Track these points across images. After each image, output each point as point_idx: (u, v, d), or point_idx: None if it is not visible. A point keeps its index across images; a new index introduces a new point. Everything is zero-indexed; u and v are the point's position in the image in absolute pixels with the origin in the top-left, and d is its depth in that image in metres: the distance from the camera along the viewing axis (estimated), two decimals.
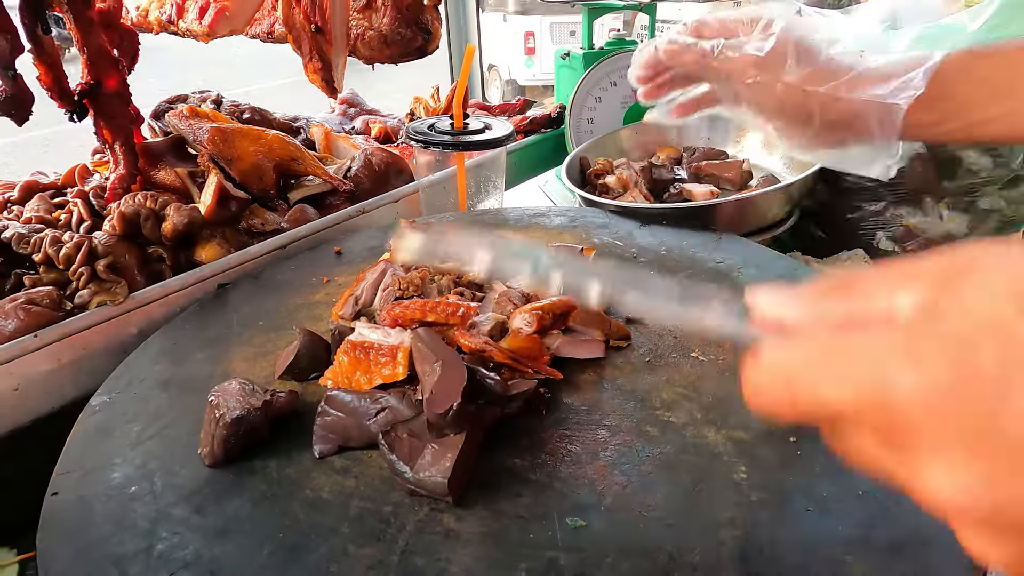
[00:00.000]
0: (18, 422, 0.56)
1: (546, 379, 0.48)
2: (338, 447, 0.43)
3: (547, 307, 0.50)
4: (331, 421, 0.44)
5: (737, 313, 0.26)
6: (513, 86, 7.76)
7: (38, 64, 0.70)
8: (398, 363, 0.45)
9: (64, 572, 0.36)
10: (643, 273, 0.29)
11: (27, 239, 0.65)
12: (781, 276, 0.63)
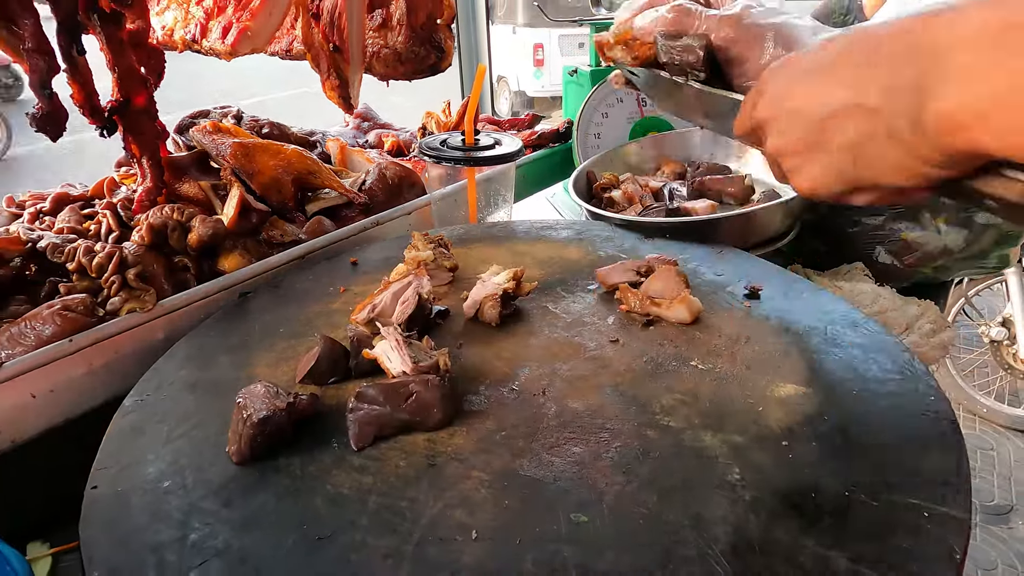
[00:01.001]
0: (52, 422, 0.60)
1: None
2: (373, 438, 0.47)
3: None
4: (363, 415, 0.47)
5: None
6: (522, 97, 7.83)
7: (72, 83, 0.74)
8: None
9: (106, 559, 0.39)
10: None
11: (61, 249, 0.68)
12: (777, 288, 0.66)
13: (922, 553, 0.36)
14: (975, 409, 2.95)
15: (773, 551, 0.37)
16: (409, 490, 0.43)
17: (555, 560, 0.38)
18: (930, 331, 0.82)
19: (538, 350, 0.58)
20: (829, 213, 1.00)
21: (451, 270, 0.72)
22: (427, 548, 0.39)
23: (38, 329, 0.59)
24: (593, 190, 1.03)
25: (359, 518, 0.41)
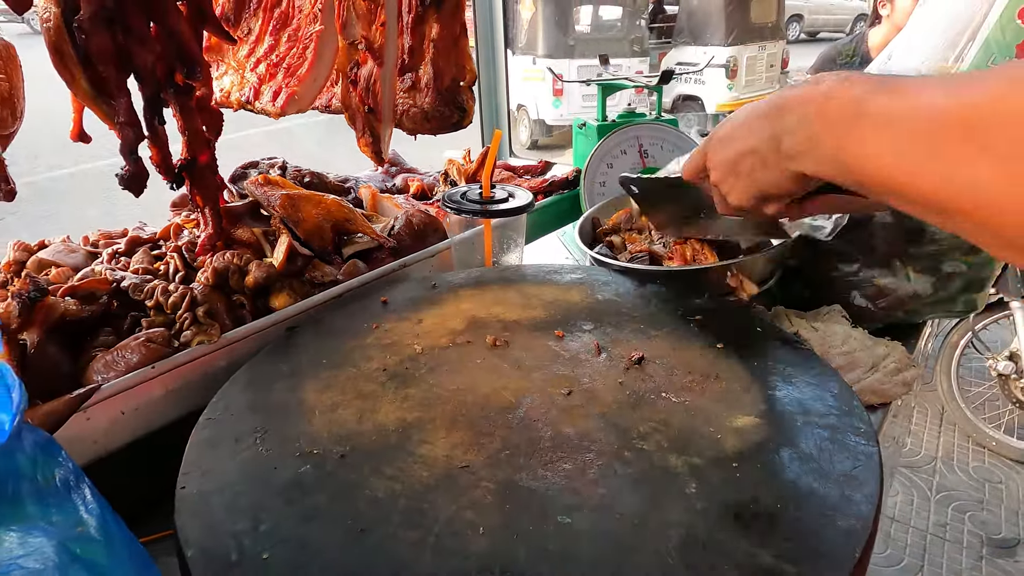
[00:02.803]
0: (136, 435, 0.72)
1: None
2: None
3: None
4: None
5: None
6: (541, 126, 8.02)
7: (152, 147, 0.88)
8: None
9: (198, 541, 0.50)
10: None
11: (141, 288, 0.81)
12: (747, 331, 0.76)
13: (829, 551, 0.47)
14: (984, 442, 2.98)
15: (715, 548, 0.48)
16: (430, 495, 0.54)
17: (544, 551, 0.48)
18: (894, 369, 0.91)
19: (540, 382, 0.69)
20: (811, 260, 1.10)
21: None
22: (444, 540, 0.50)
23: (127, 357, 0.72)
24: (597, 234, 1.14)
25: (392, 516, 0.52)
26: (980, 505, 2.70)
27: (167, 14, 0.81)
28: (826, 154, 0.52)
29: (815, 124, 0.53)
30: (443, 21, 1.10)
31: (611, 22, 8.03)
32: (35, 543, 0.33)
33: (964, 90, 0.42)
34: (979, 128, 0.40)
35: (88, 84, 0.81)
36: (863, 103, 0.48)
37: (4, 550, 0.32)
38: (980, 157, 0.40)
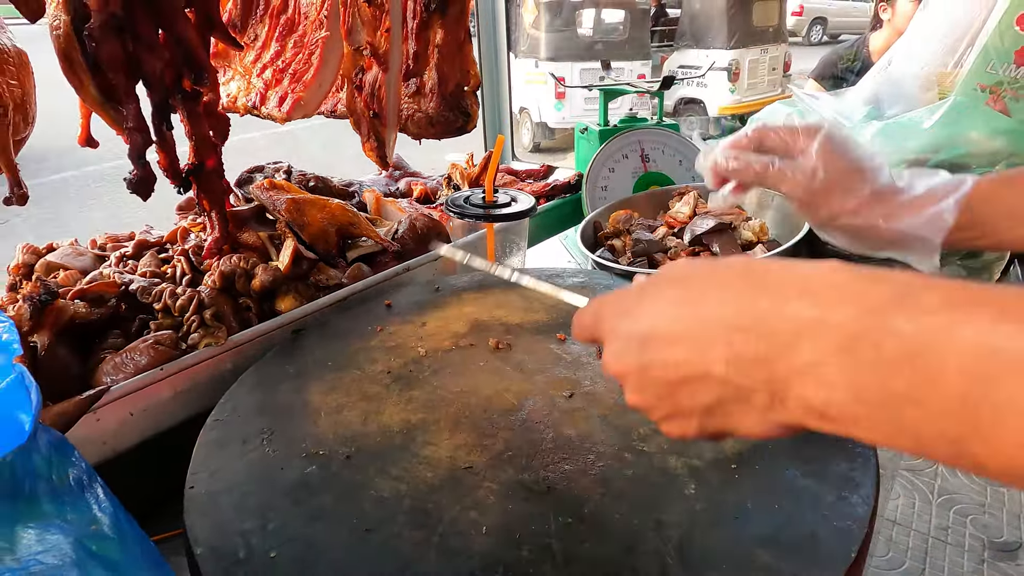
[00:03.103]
0: (144, 436, 0.73)
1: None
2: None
3: None
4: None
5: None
6: (543, 128, 8.03)
7: (160, 152, 0.89)
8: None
9: (207, 540, 0.51)
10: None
11: (149, 291, 0.83)
12: None
13: (826, 551, 0.47)
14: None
15: (713, 548, 0.49)
16: (435, 495, 0.55)
17: (545, 551, 0.49)
18: None
19: (542, 385, 0.70)
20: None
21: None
22: (449, 539, 0.51)
23: (136, 359, 0.73)
24: (598, 238, 1.15)
25: (397, 516, 0.53)
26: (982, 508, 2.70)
27: (176, 21, 0.82)
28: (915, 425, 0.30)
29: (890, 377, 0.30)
30: (447, 27, 1.11)
31: (613, 25, 8.04)
32: (53, 540, 0.34)
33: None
34: None
35: (97, 90, 0.82)
36: (995, 349, 0.28)
37: (23, 546, 0.33)
38: None
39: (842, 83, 2.62)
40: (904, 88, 1.25)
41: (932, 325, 0.29)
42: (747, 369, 0.35)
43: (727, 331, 0.36)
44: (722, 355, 0.36)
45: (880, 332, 0.30)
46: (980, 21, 1.14)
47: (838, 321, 0.32)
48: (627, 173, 1.27)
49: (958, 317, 0.29)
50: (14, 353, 0.40)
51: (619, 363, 0.43)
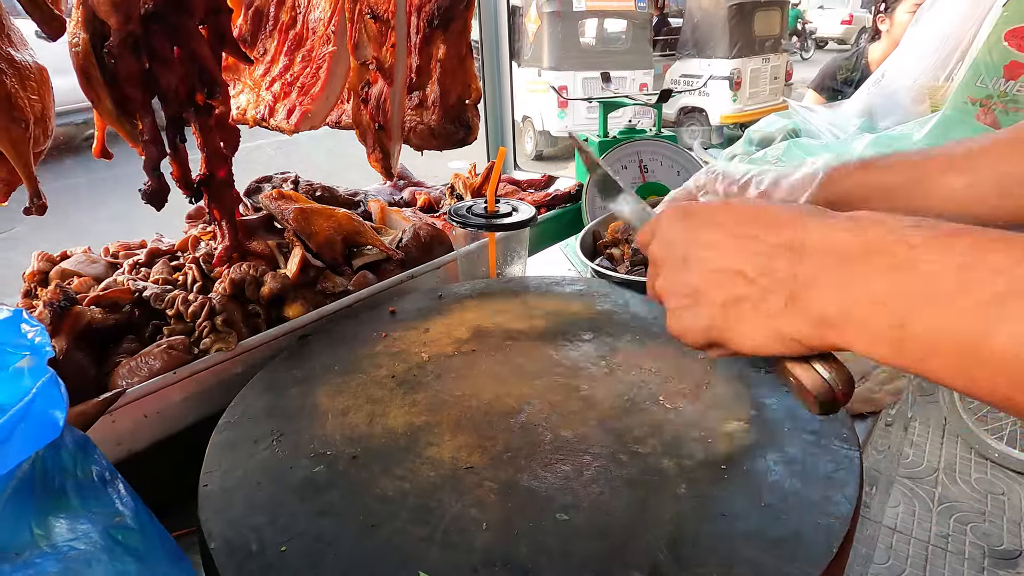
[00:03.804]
0: (156, 437, 0.76)
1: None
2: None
3: None
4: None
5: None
6: (545, 136, 8.09)
7: (173, 164, 0.92)
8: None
9: (221, 534, 0.54)
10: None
11: (161, 297, 0.85)
12: None
13: (809, 546, 0.50)
14: (987, 454, 2.98)
15: (702, 544, 0.51)
16: (437, 493, 0.58)
17: (543, 547, 0.52)
18: (885, 379, 0.95)
19: (541, 389, 0.73)
20: None
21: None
22: (450, 535, 0.53)
23: (150, 363, 0.76)
24: (597, 247, 1.18)
25: (401, 512, 0.56)
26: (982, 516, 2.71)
27: (191, 38, 0.86)
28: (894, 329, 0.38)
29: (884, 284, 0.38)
30: (450, 42, 1.14)
31: (616, 35, 8.11)
32: (82, 529, 0.37)
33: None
34: None
35: (113, 105, 0.85)
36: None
37: (57, 534, 0.36)
38: None
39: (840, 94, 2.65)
40: (897, 101, 1.29)
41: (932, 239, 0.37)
42: (776, 273, 0.43)
43: (768, 246, 0.44)
44: (758, 260, 0.44)
45: (894, 243, 0.38)
46: (970, 36, 1.17)
47: (861, 239, 0.40)
48: (626, 183, 1.29)
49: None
50: (47, 355, 0.43)
51: (664, 248, 0.52)
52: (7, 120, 0.77)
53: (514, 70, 1.76)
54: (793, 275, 0.42)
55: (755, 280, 0.44)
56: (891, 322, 0.37)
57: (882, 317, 0.38)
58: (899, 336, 0.37)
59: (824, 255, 0.41)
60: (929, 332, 0.36)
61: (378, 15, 1.07)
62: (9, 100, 0.76)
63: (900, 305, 0.37)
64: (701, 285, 0.47)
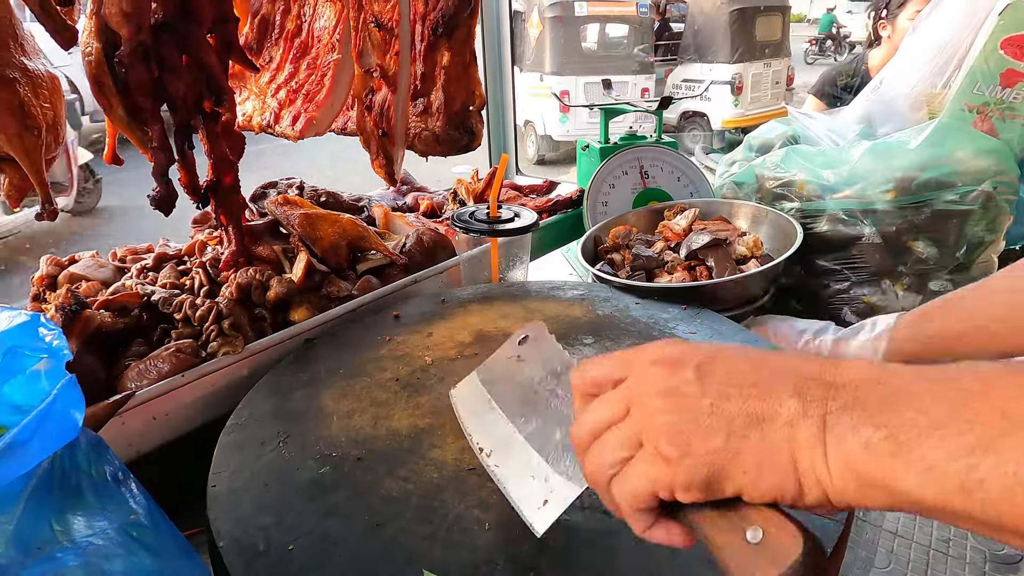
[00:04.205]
0: (165, 439, 0.77)
1: None
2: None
3: None
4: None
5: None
6: (547, 141, 8.11)
7: (181, 171, 0.94)
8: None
9: (229, 533, 0.55)
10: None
11: (170, 302, 0.87)
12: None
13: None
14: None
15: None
16: (440, 494, 0.59)
17: (544, 546, 0.53)
18: None
19: None
20: (804, 278, 1.15)
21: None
22: (453, 534, 0.55)
23: (159, 366, 0.77)
24: (598, 252, 1.20)
25: (405, 512, 0.57)
26: None
27: (199, 48, 0.88)
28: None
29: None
30: (454, 49, 1.16)
31: (617, 39, 8.14)
32: (99, 526, 0.38)
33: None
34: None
35: (124, 112, 0.87)
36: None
37: (75, 530, 0.37)
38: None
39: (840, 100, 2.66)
40: (895, 108, 1.30)
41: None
42: (813, 395, 0.35)
43: (797, 377, 0.37)
44: (794, 377, 0.36)
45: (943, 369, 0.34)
46: (966, 45, 1.18)
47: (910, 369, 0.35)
48: (627, 189, 1.31)
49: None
50: (64, 358, 0.44)
51: (676, 348, 0.41)
52: (20, 127, 0.79)
53: (516, 75, 1.78)
54: (827, 397, 0.35)
55: (783, 404, 0.36)
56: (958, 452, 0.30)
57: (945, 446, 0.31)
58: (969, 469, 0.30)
59: (864, 383, 0.35)
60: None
61: (382, 23, 1.08)
62: (23, 108, 0.78)
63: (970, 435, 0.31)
64: (722, 399, 0.37)
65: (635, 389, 0.40)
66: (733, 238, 1.10)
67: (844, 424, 0.33)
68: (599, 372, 0.44)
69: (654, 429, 0.38)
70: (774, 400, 0.36)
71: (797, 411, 0.35)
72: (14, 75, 0.78)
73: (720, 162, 1.41)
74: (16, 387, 0.45)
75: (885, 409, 0.33)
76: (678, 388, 0.38)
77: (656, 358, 0.41)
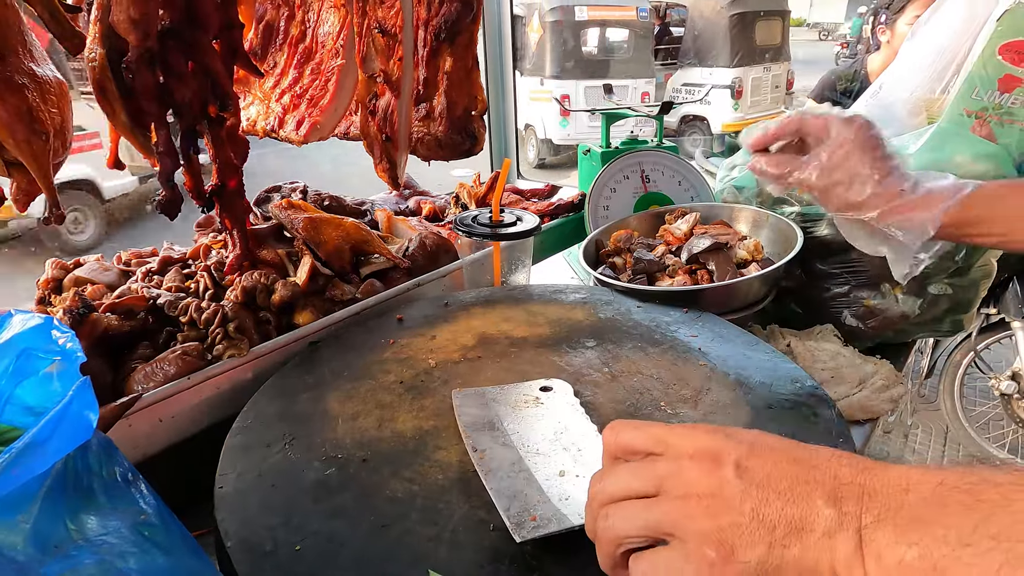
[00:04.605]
0: (171, 441, 0.78)
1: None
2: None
3: None
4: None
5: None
6: (548, 145, 8.13)
7: (186, 175, 0.95)
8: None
9: (237, 533, 0.56)
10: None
11: (175, 305, 0.88)
12: (738, 349, 0.82)
13: None
14: (988, 462, 2.99)
15: None
16: (445, 495, 0.60)
17: (549, 546, 0.54)
18: (882, 387, 0.96)
19: None
20: (804, 281, 1.16)
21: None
22: (459, 535, 0.55)
23: (165, 369, 0.78)
24: (600, 255, 1.20)
25: (410, 513, 0.58)
26: None
27: (205, 53, 0.88)
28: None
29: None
30: (456, 55, 1.17)
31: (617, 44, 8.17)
32: (112, 525, 0.39)
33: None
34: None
35: (127, 117, 0.88)
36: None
37: (88, 530, 0.38)
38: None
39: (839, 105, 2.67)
40: (894, 112, 1.30)
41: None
42: (848, 506, 0.36)
43: (833, 481, 0.37)
44: (830, 482, 0.37)
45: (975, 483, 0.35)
46: (965, 50, 1.19)
47: (936, 476, 0.36)
48: (628, 193, 1.32)
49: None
50: (79, 360, 0.45)
51: (714, 440, 0.41)
52: (29, 133, 0.79)
53: (516, 79, 1.79)
54: (861, 509, 0.36)
55: (820, 513, 0.36)
56: (987, 570, 0.32)
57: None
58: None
59: (895, 491, 0.36)
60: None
61: (386, 29, 1.09)
62: (31, 113, 0.79)
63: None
64: (766, 484, 0.38)
65: (669, 478, 0.41)
66: (734, 242, 1.11)
67: (879, 541, 0.35)
68: (632, 440, 0.45)
69: (696, 530, 0.38)
70: (812, 508, 0.37)
71: (834, 522, 0.36)
72: (23, 81, 0.79)
73: (720, 166, 1.42)
74: (29, 389, 0.46)
75: (916, 525, 0.34)
76: (720, 490, 0.38)
77: (694, 451, 0.41)
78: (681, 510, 0.39)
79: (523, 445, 0.64)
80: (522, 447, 0.64)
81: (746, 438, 0.41)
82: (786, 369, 0.77)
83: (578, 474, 0.60)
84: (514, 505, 0.56)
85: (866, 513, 0.36)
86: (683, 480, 0.40)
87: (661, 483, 0.41)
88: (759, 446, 0.40)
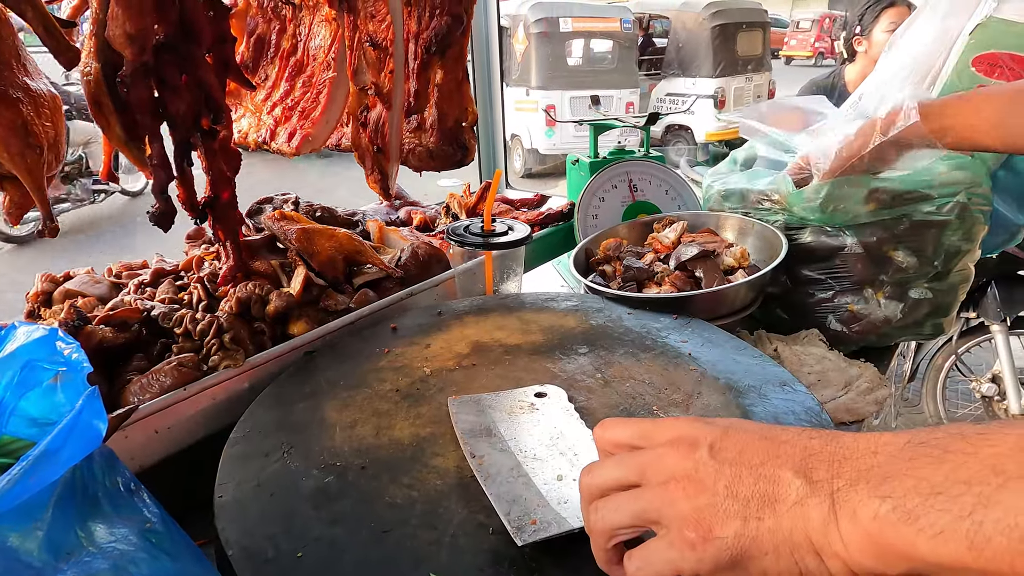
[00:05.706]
0: (168, 452, 0.78)
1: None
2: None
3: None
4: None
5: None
6: (534, 154, 8.18)
7: (179, 187, 0.95)
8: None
9: (238, 541, 0.56)
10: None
11: (170, 316, 0.88)
12: (727, 353, 0.84)
13: None
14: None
15: None
16: (444, 501, 0.61)
17: (548, 548, 0.55)
18: (866, 389, 0.99)
19: None
20: (789, 287, 1.18)
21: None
22: (458, 539, 0.56)
23: (161, 380, 0.78)
24: (590, 263, 1.22)
25: (410, 519, 0.58)
26: None
27: (198, 67, 0.89)
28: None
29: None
30: (446, 67, 1.18)
31: (602, 54, 8.26)
32: (120, 532, 0.40)
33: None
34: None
35: (122, 130, 0.88)
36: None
37: (98, 537, 0.38)
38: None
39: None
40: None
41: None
42: (819, 474, 0.37)
43: (803, 453, 0.39)
44: (799, 454, 0.38)
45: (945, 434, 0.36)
46: (940, 61, 1.23)
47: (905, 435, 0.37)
48: (616, 202, 1.34)
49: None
50: (85, 371, 0.46)
51: (692, 427, 0.43)
52: (23, 146, 0.80)
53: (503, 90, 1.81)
54: (832, 475, 0.37)
55: (789, 484, 0.38)
56: (961, 513, 0.32)
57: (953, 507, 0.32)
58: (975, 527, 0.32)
59: (863, 455, 0.37)
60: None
61: (377, 43, 1.11)
62: (25, 127, 0.79)
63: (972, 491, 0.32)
64: (739, 461, 0.40)
65: (650, 466, 0.42)
66: (721, 249, 1.13)
67: (853, 500, 0.35)
68: (619, 435, 0.47)
69: (675, 514, 0.40)
70: (782, 480, 0.38)
71: (804, 491, 0.37)
72: (17, 95, 0.79)
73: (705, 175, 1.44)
74: (33, 401, 0.47)
75: (888, 480, 0.35)
76: (696, 471, 0.40)
77: (673, 437, 0.43)
78: (663, 496, 0.41)
79: (520, 450, 0.65)
80: (519, 452, 0.65)
81: (722, 423, 0.43)
82: (774, 373, 0.79)
83: (575, 478, 0.61)
84: (514, 509, 0.57)
85: (837, 478, 0.37)
86: (663, 466, 0.42)
87: (643, 471, 0.43)
88: (733, 428, 0.42)
